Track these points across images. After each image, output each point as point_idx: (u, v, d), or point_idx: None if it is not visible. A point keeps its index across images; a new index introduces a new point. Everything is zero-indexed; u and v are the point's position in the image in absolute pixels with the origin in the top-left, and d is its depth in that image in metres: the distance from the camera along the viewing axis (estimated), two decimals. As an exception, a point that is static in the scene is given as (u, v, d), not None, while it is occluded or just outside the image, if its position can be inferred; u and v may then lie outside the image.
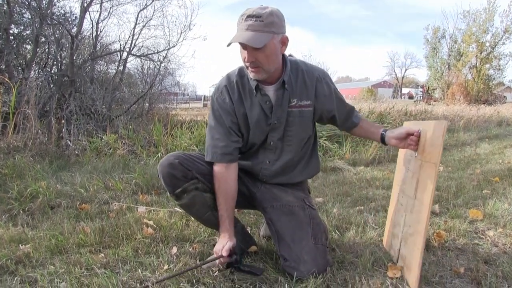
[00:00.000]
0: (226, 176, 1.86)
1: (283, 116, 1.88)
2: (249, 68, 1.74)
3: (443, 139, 1.63)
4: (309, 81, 1.89)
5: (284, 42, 1.76)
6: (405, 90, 60.39)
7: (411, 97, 44.88)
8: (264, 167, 1.99)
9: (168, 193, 1.91)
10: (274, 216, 1.93)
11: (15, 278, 1.81)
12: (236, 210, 2.18)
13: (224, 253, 1.75)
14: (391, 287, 1.71)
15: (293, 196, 2.00)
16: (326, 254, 1.88)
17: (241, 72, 1.90)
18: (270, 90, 1.86)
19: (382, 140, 1.95)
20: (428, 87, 33.42)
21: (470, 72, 30.44)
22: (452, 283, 1.78)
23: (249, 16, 1.65)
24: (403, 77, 68.05)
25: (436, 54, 33.32)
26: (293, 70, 1.88)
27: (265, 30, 1.65)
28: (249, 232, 2.24)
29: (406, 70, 67.62)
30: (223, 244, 1.80)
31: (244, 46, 1.68)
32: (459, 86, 28.42)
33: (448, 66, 31.96)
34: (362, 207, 3.08)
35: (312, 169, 2.11)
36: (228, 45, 1.66)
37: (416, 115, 9.58)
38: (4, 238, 2.28)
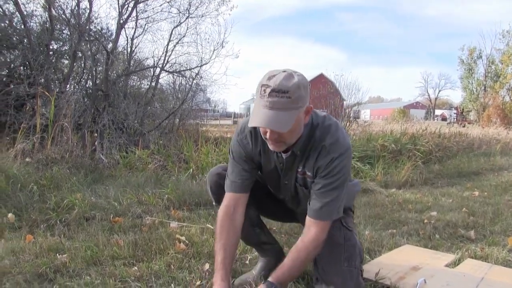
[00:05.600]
0: (232, 214, 1.77)
1: (292, 178, 1.84)
2: (269, 141, 1.61)
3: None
4: (313, 151, 1.70)
5: (308, 111, 1.62)
6: (438, 112, 59.06)
7: (444, 119, 43.87)
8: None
9: (213, 202, 1.96)
10: None
11: (54, 286, 1.88)
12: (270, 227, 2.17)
13: None
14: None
15: None
16: (358, 277, 1.84)
17: None
18: (284, 154, 1.77)
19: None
20: (463, 109, 32.63)
21: (508, 94, 29.54)
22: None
23: (274, 91, 1.45)
24: (436, 98, 66.62)
25: (471, 75, 32.56)
26: (308, 137, 1.70)
27: (292, 107, 1.48)
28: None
29: (439, 91, 66.12)
30: None
31: None
32: (495, 108, 27.51)
33: (485, 87, 31.14)
34: (395, 231, 3.03)
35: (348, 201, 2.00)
36: (251, 128, 1.70)
37: (450, 138, 9.37)
38: (43, 247, 2.36)
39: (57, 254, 2.26)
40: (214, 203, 1.96)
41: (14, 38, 6.74)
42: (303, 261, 1.69)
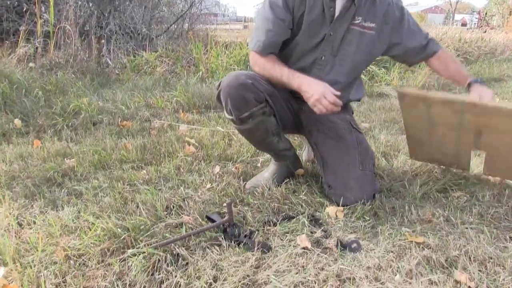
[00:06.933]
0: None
1: (340, 30, 1.71)
2: None
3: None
4: (379, 3, 1.72)
5: None
6: (458, 17, 56.10)
7: (464, 25, 41.55)
8: None
9: (229, 116, 1.71)
10: (319, 139, 1.83)
11: (63, 190, 1.85)
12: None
13: (332, 96, 1.59)
14: (442, 219, 1.61)
15: (339, 118, 1.86)
16: (373, 181, 1.79)
17: None
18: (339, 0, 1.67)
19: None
20: (486, 13, 30.82)
21: (540, -5, 27.48)
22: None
23: None
24: (457, 2, 62.93)
25: (500, -27, 30.28)
26: None
27: None
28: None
29: (462, -7, 62.14)
30: (321, 86, 1.61)
31: None
32: (524, 11, 25.73)
33: (515, -13, 29.07)
34: (411, 135, 2.92)
35: (359, 92, 1.96)
36: None
37: (471, 43, 8.92)
38: (50, 152, 2.33)
39: (65, 159, 2.23)
40: (233, 117, 1.69)
41: None
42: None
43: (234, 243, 1.38)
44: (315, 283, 1.20)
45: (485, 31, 16.42)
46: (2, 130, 2.73)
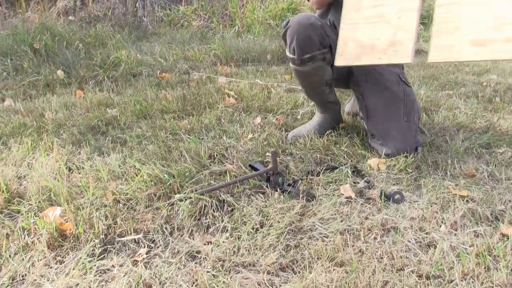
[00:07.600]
0: None
1: None
2: None
3: None
4: None
5: None
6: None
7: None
8: None
9: (291, 55, 1.72)
10: (366, 90, 1.80)
11: (107, 138, 1.90)
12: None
13: None
14: (486, 174, 1.56)
15: (387, 71, 1.82)
16: (417, 134, 1.76)
17: None
18: None
19: None
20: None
21: None
22: None
23: None
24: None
25: None
26: None
27: None
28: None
29: None
30: None
31: None
32: None
33: None
34: (451, 92, 2.82)
35: None
36: None
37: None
38: (93, 102, 2.39)
39: (107, 108, 2.29)
40: (294, 56, 1.70)
41: None
42: None
43: (278, 191, 1.40)
44: (360, 231, 1.20)
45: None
46: (46, 81, 2.81)
